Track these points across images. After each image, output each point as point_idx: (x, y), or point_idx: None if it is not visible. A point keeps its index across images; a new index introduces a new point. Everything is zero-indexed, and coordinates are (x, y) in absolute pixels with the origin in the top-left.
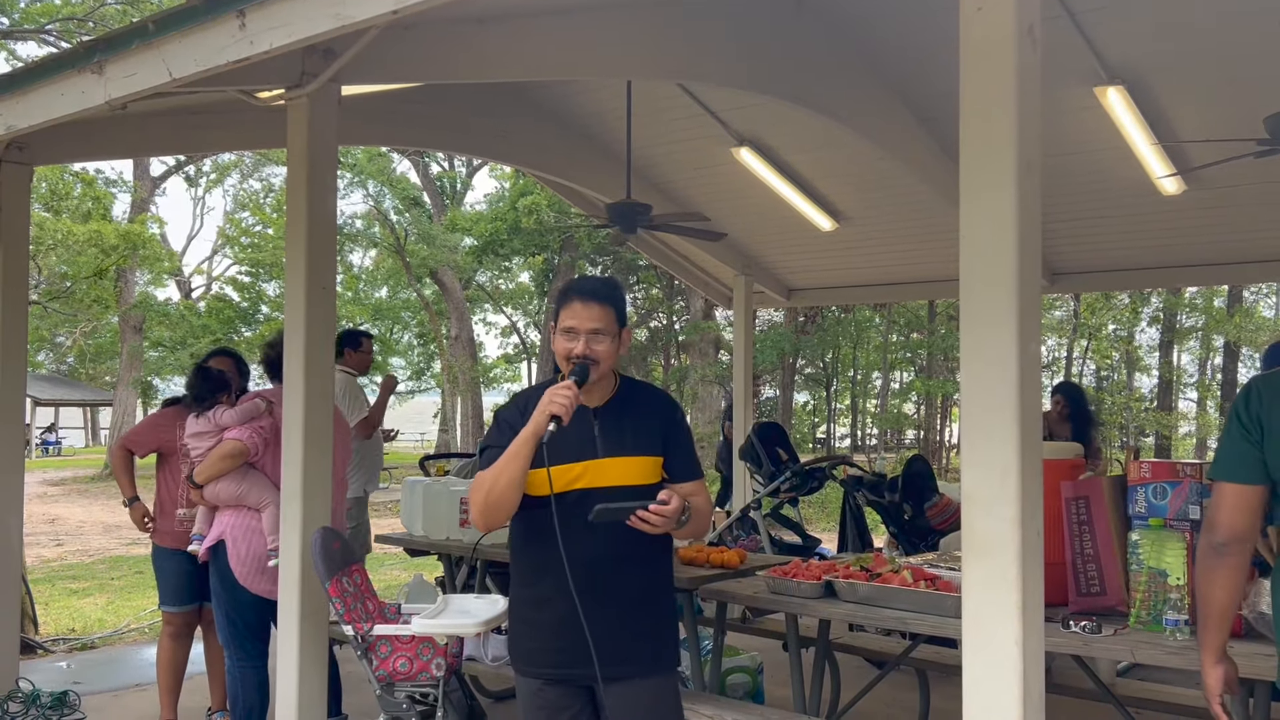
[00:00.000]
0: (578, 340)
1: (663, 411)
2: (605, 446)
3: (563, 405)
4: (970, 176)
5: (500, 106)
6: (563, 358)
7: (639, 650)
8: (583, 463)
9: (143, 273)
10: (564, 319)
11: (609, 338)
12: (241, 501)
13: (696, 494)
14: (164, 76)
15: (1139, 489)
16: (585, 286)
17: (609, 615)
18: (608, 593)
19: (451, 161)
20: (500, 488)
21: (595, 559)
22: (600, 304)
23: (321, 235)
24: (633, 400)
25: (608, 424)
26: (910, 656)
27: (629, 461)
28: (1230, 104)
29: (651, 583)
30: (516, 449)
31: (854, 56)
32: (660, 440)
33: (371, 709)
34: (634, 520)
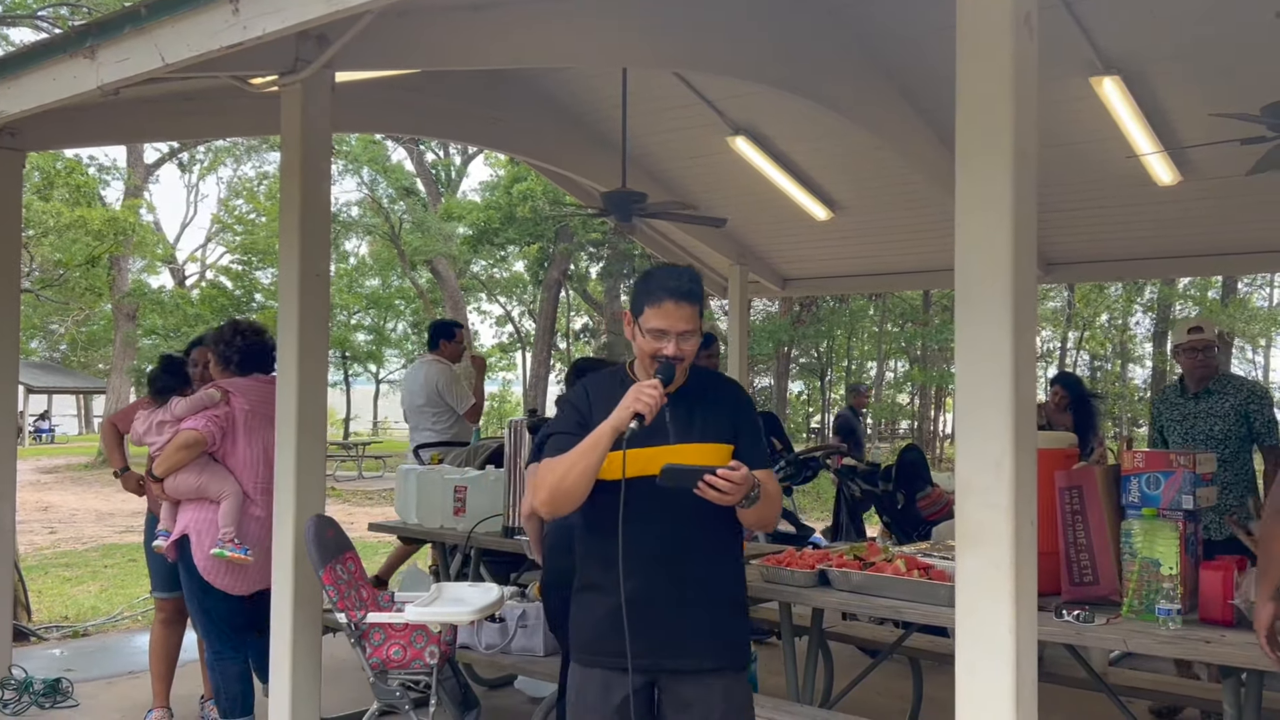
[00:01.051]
0: (668, 341)
1: (733, 399)
2: (677, 432)
3: (648, 405)
4: (966, 166)
5: (495, 94)
6: (647, 355)
7: (699, 645)
8: (653, 448)
9: (136, 260)
10: (653, 318)
11: (696, 336)
12: (202, 494)
13: (767, 481)
14: (156, 61)
15: (1132, 479)
16: (678, 287)
17: (670, 606)
18: (670, 583)
19: (446, 149)
20: (574, 478)
21: (661, 547)
22: (691, 304)
23: (315, 222)
24: (704, 388)
25: (679, 411)
26: (903, 645)
27: (699, 448)
28: (1225, 94)
29: (718, 575)
30: (595, 441)
31: (851, 45)
32: (730, 427)
33: (365, 697)
34: (701, 487)
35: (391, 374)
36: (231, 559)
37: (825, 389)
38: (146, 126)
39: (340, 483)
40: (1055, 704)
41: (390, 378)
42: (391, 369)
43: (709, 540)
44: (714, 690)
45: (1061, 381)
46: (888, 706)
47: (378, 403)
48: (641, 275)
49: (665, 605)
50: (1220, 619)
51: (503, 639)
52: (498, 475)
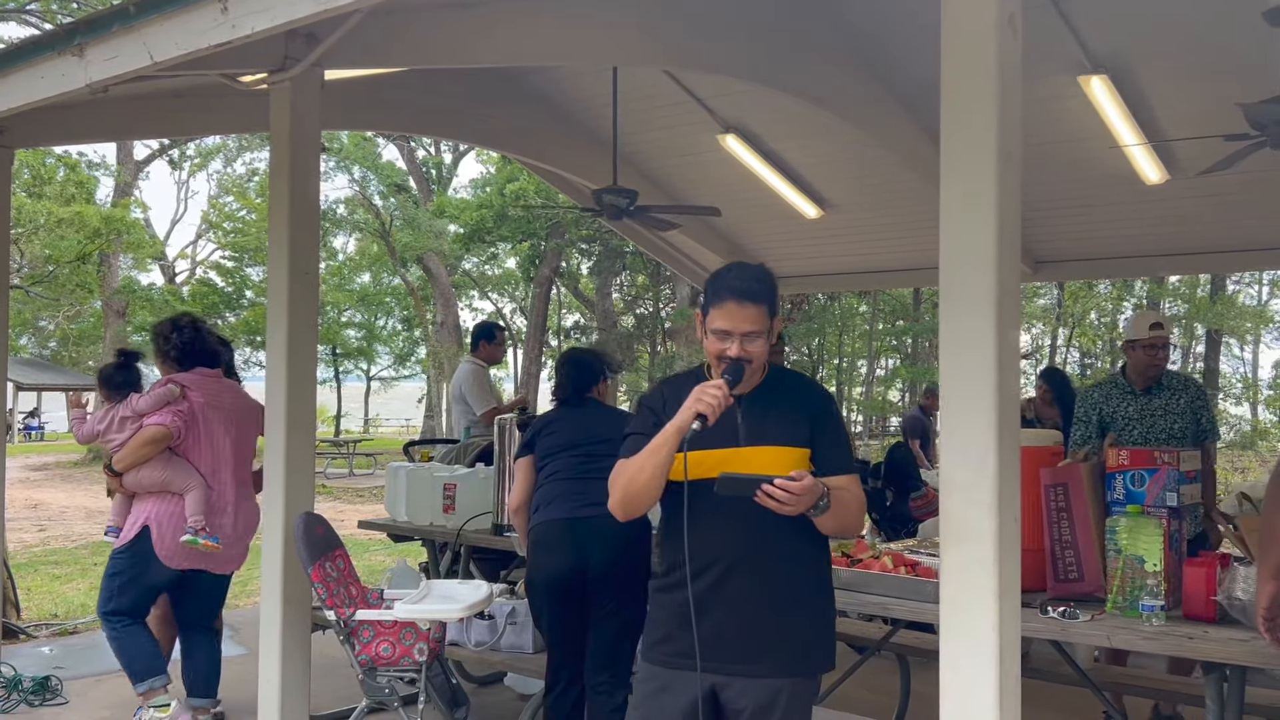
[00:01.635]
0: (732, 342)
1: (812, 401)
2: (748, 435)
3: (711, 405)
4: (950, 164)
5: (486, 92)
6: (713, 356)
7: (764, 650)
8: (724, 450)
9: (126, 257)
10: (716, 319)
11: (763, 337)
12: (166, 487)
13: (847, 487)
14: (145, 60)
15: (1117, 476)
16: (741, 286)
17: (737, 610)
18: (739, 587)
19: (437, 146)
20: (641, 481)
21: (731, 550)
22: (756, 304)
23: (304, 220)
24: (781, 389)
25: (752, 412)
26: (891, 642)
27: (772, 451)
28: (1213, 94)
29: (794, 578)
30: (660, 443)
31: (840, 43)
32: (807, 431)
33: (354, 693)
34: (760, 496)
35: (382, 371)
36: (204, 546)
37: None
38: (135, 124)
39: (331, 480)
40: (1041, 700)
41: (381, 375)
42: (382, 366)
43: (783, 546)
44: (774, 697)
45: (1045, 377)
46: (875, 703)
47: (369, 400)
48: (711, 274)
49: (732, 608)
50: (1203, 615)
51: (492, 636)
52: (487, 473)
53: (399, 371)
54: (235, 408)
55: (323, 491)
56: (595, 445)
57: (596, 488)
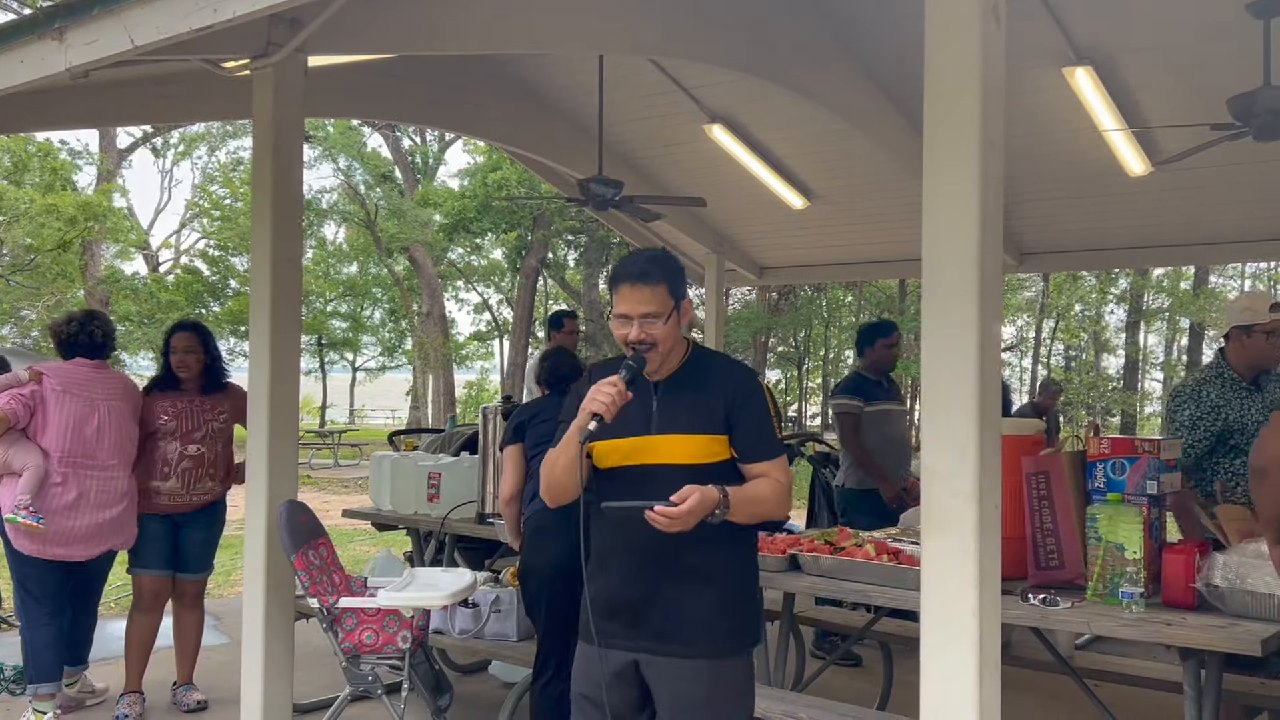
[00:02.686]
0: (631, 326)
1: (731, 385)
2: (660, 422)
3: (604, 404)
4: (933, 155)
5: (471, 80)
6: (622, 343)
7: (684, 630)
8: (635, 439)
9: (109, 246)
10: (616, 303)
11: (662, 319)
12: (7, 468)
13: (767, 474)
14: (126, 44)
15: (1098, 464)
16: (632, 270)
17: (656, 592)
18: (657, 570)
19: (423, 135)
20: (557, 473)
21: (648, 535)
22: (650, 285)
23: (287, 208)
24: (699, 373)
25: (667, 399)
26: (873, 630)
27: (683, 440)
28: (1196, 85)
29: (714, 562)
30: (566, 440)
31: (826, 33)
32: (723, 416)
33: (337, 682)
34: (649, 516)
35: (368, 362)
36: (23, 525)
37: (803, 378)
38: (117, 110)
39: (316, 471)
40: (1023, 686)
41: (367, 366)
42: (368, 357)
43: (701, 530)
44: (700, 674)
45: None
46: (859, 689)
47: (354, 390)
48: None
49: (651, 590)
50: (1182, 602)
51: (476, 624)
52: (472, 462)
53: (385, 362)
54: (105, 396)
55: (307, 482)
56: None
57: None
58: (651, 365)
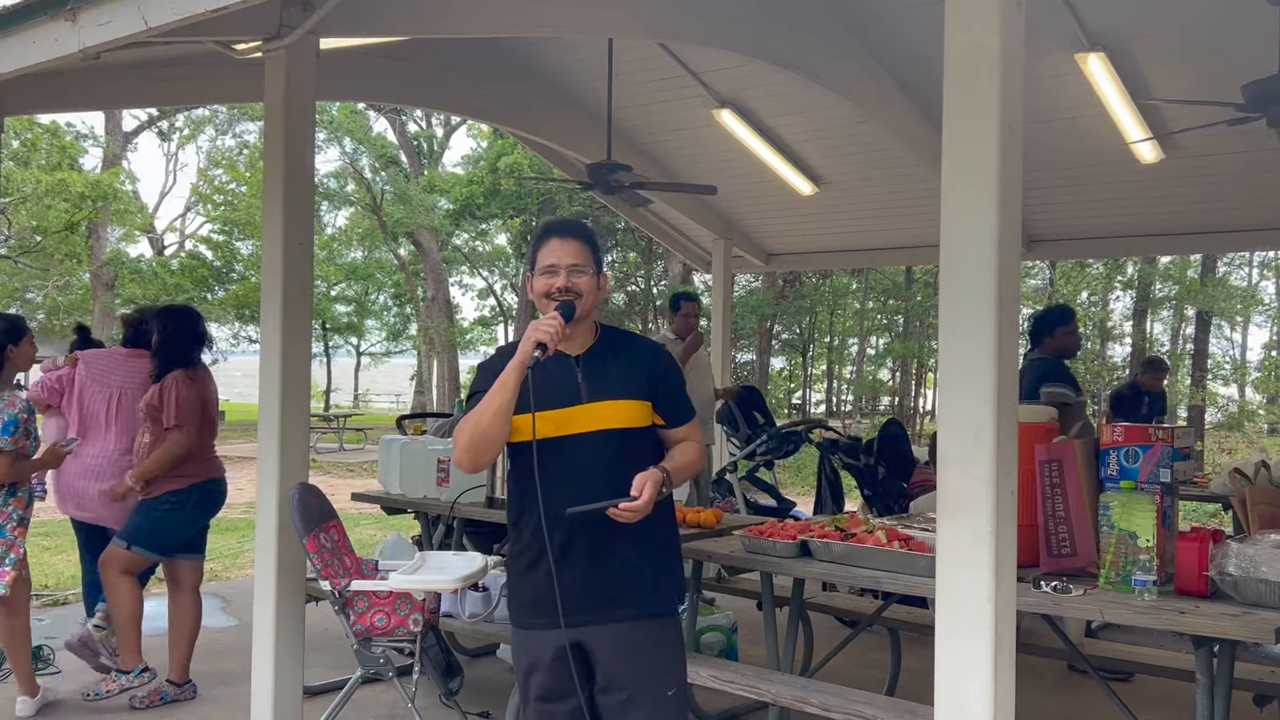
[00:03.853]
0: (558, 275)
1: (649, 355)
2: (590, 391)
3: (548, 332)
4: (952, 139)
5: (481, 64)
6: (542, 295)
7: (625, 595)
8: (567, 409)
9: (115, 229)
10: (543, 257)
11: (588, 274)
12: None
13: (689, 436)
14: (139, 25)
15: (1111, 452)
16: (561, 225)
17: (594, 562)
18: (593, 539)
19: (429, 120)
20: (487, 420)
21: (580, 500)
22: (578, 240)
23: (299, 191)
24: (617, 346)
25: (592, 368)
26: (882, 616)
27: (615, 405)
28: (1210, 72)
29: (645, 526)
30: (504, 379)
31: (836, 18)
32: (647, 384)
33: (348, 664)
34: (612, 513)
35: (372, 347)
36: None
37: (807, 365)
38: (128, 92)
39: (322, 455)
40: (1032, 673)
41: (372, 350)
42: (373, 342)
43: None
44: (640, 635)
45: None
46: (866, 676)
47: (359, 375)
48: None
49: (589, 562)
50: (1195, 590)
51: (486, 608)
52: None
53: (390, 347)
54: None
55: (313, 466)
56: None
57: None
58: (572, 330)
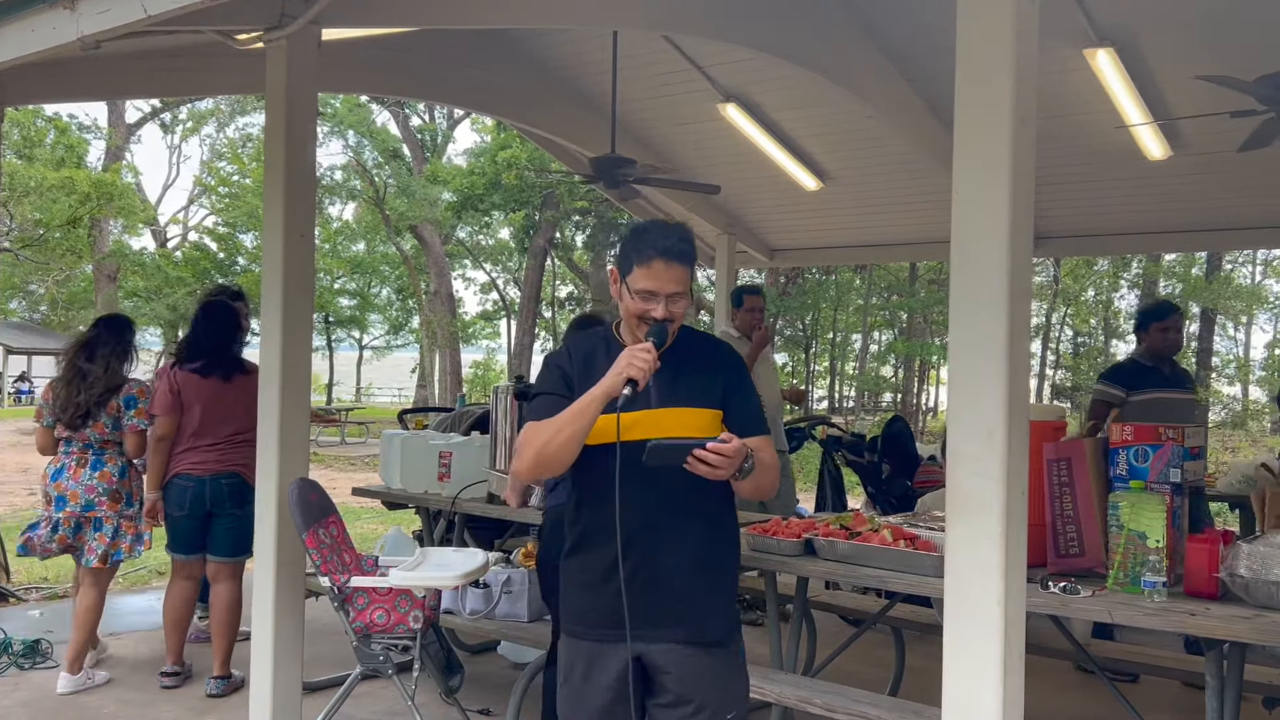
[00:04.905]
0: (657, 303)
1: (723, 362)
2: (660, 396)
3: (642, 370)
4: (964, 132)
5: (484, 56)
6: (633, 315)
7: (695, 616)
8: (636, 413)
9: (117, 222)
10: (641, 278)
11: (686, 297)
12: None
13: (761, 449)
14: (139, 13)
15: (1121, 451)
16: (669, 246)
17: (664, 576)
18: (664, 552)
19: (432, 113)
20: (559, 443)
21: (652, 514)
22: (683, 265)
23: (300, 182)
24: (691, 350)
25: (664, 374)
26: (886, 615)
27: (685, 413)
28: (1219, 68)
29: (713, 544)
30: (584, 407)
31: (842, 11)
32: (720, 391)
33: (349, 659)
34: (691, 462)
35: (375, 340)
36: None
37: (810, 360)
38: (129, 83)
39: (323, 448)
40: (1036, 674)
41: (374, 344)
42: (375, 335)
43: (698, 509)
44: (705, 663)
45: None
46: (870, 675)
47: (361, 368)
48: (631, 231)
49: (659, 575)
50: (1205, 592)
51: (487, 605)
52: (483, 441)
53: (392, 341)
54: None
55: (315, 460)
56: None
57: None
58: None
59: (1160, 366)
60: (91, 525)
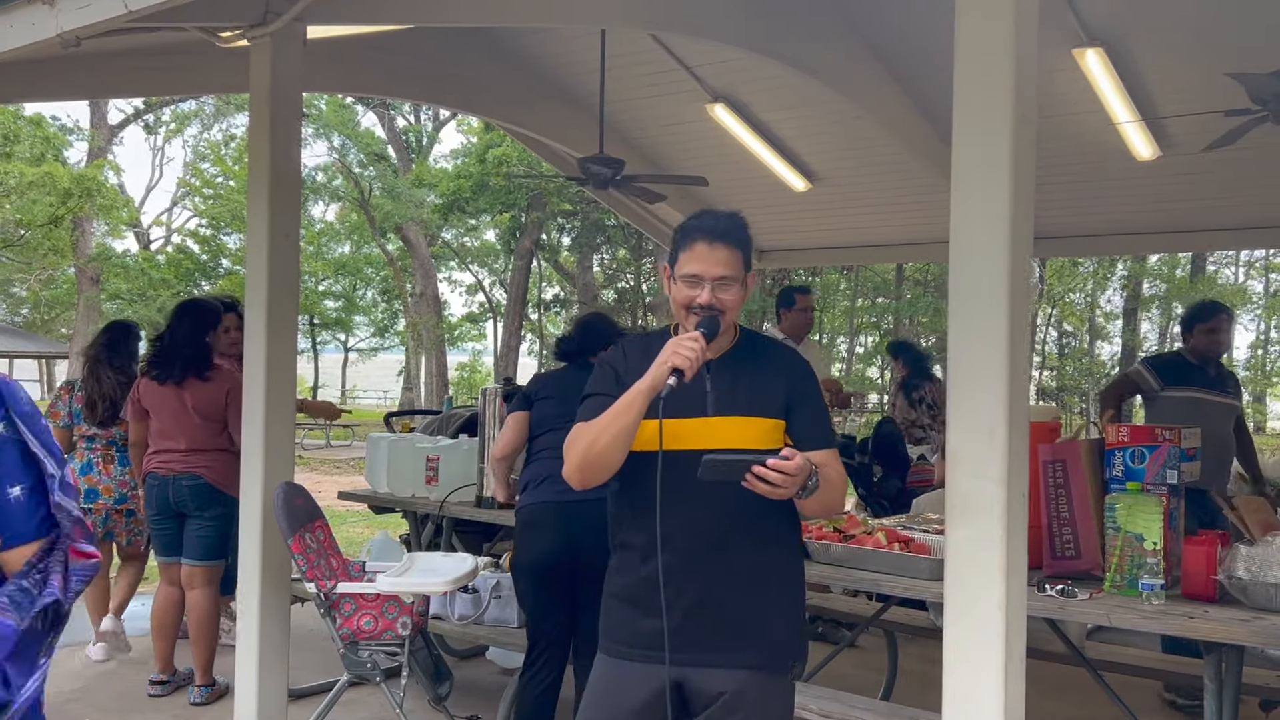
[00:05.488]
0: (702, 288)
1: (788, 369)
2: (717, 404)
3: (687, 358)
4: (963, 129)
5: (471, 56)
6: (682, 306)
7: (743, 640)
8: (691, 420)
9: (100, 223)
10: (686, 263)
11: (736, 284)
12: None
13: (827, 464)
14: (119, 9)
15: (1117, 452)
16: (712, 226)
17: (711, 597)
18: (714, 570)
19: (418, 114)
20: (604, 443)
21: (703, 530)
22: (729, 246)
23: (285, 183)
24: (754, 354)
25: (722, 379)
26: (879, 618)
27: (743, 423)
28: (1210, 69)
29: (770, 562)
30: (629, 401)
31: (831, 11)
32: (783, 401)
33: (335, 664)
34: (750, 479)
35: (360, 343)
36: None
37: None
38: (111, 81)
39: (308, 451)
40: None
41: (359, 346)
42: (360, 338)
43: (757, 524)
44: (750, 690)
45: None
46: (862, 679)
47: (346, 371)
48: (681, 222)
49: (704, 595)
50: (1203, 594)
51: (476, 610)
52: (471, 444)
53: (378, 343)
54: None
55: (299, 463)
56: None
57: None
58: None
59: (1206, 367)
60: (124, 515)
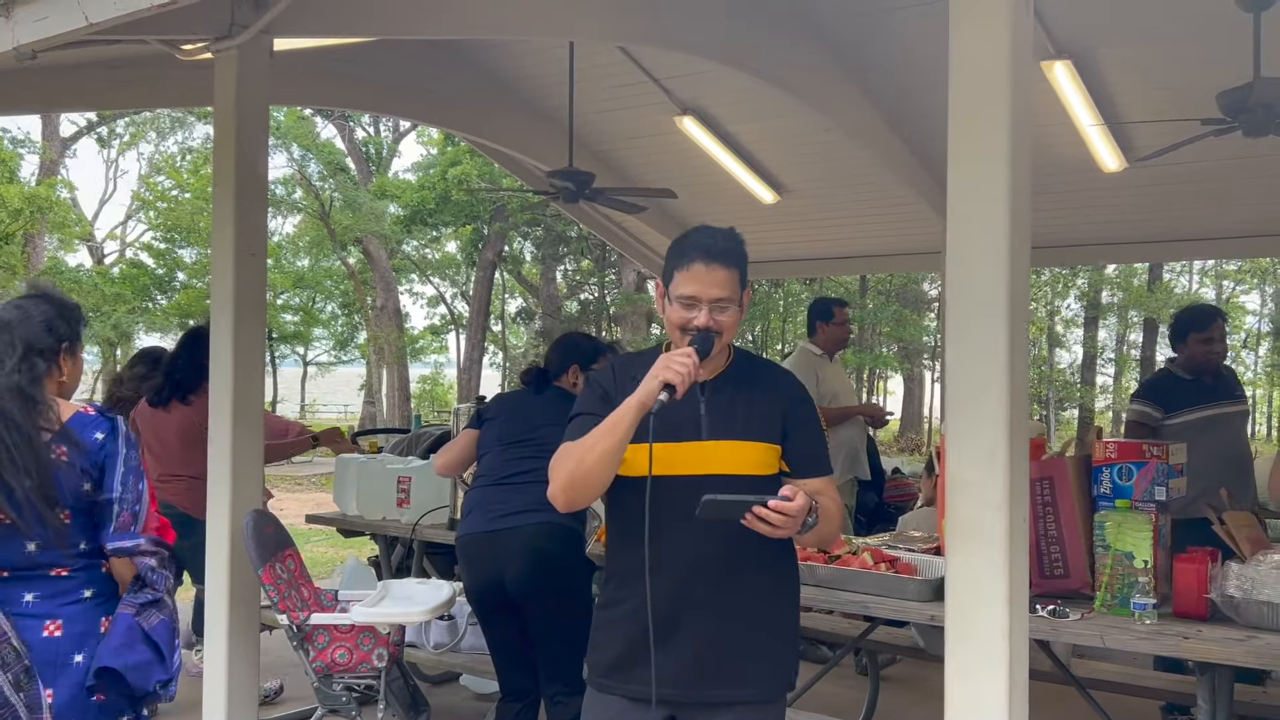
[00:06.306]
0: (699, 310)
1: (785, 392)
2: (711, 427)
3: (679, 373)
4: (960, 146)
5: (437, 68)
6: (676, 327)
7: (733, 674)
8: (683, 444)
9: (52, 238)
10: (682, 283)
11: (734, 305)
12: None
13: (823, 492)
14: (79, 21)
15: (1104, 469)
16: (709, 245)
17: (703, 628)
18: (705, 601)
19: (377, 126)
20: (591, 462)
21: (695, 559)
22: (726, 267)
23: (250, 199)
24: (749, 376)
25: (717, 401)
26: (864, 639)
27: (738, 447)
28: (1177, 81)
29: (762, 594)
30: (618, 418)
31: (800, 24)
32: (779, 425)
33: (306, 692)
34: (750, 519)
35: (319, 356)
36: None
37: None
38: (70, 95)
39: (268, 467)
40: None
41: (319, 359)
42: (320, 351)
43: (751, 554)
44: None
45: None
46: (841, 697)
47: (305, 385)
48: (676, 239)
49: (697, 627)
50: (1195, 613)
51: (452, 637)
52: None
53: (338, 356)
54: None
55: None
56: (529, 445)
57: (518, 495)
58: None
59: (1202, 379)
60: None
